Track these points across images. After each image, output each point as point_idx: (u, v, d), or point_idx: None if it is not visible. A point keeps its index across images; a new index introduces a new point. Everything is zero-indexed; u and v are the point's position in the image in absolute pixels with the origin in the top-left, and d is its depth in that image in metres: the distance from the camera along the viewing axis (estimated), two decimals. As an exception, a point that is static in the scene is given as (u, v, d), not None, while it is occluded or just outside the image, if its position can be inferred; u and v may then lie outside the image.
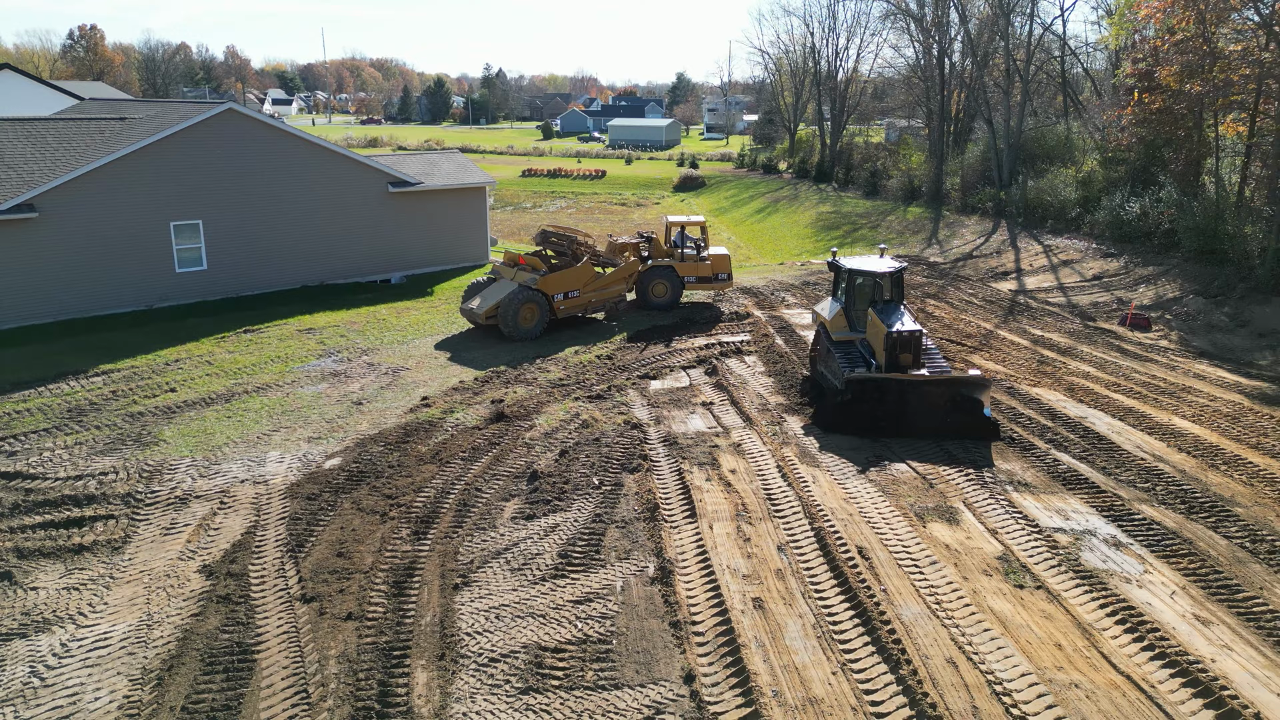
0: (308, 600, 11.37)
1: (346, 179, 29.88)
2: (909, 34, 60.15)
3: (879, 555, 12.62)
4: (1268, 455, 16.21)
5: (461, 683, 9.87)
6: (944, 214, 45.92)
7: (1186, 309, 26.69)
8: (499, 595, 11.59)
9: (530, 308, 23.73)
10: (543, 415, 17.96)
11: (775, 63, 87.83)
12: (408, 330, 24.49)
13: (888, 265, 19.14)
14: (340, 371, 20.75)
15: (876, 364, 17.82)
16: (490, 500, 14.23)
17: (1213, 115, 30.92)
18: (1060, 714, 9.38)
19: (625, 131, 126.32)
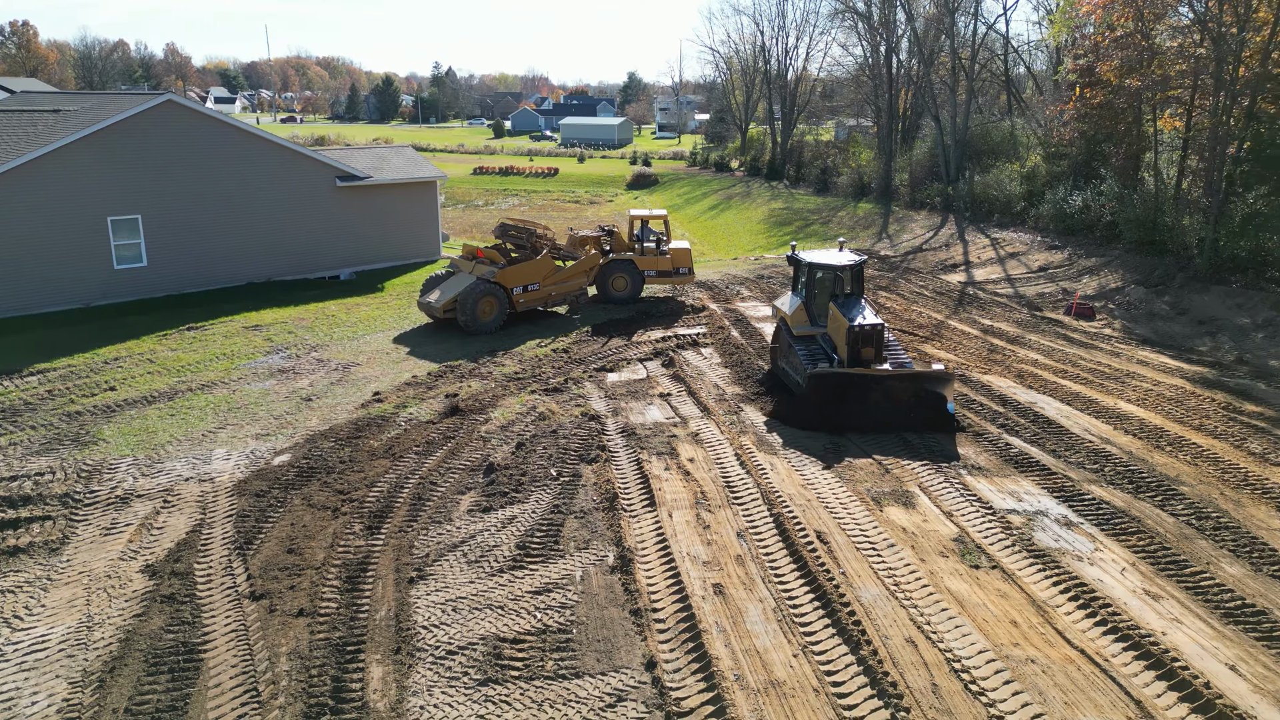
0: (257, 598, 11.03)
1: (293, 173, 29.23)
2: (857, 33, 60.94)
3: (837, 539, 12.66)
4: (1210, 436, 16.65)
5: (418, 676, 9.64)
6: (893, 209, 46.54)
7: (1129, 298, 27.36)
8: (456, 588, 11.37)
9: (489, 301, 23.43)
10: (499, 409, 17.73)
11: (726, 62, 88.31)
12: (358, 326, 24.03)
13: (848, 259, 18.91)
14: (289, 368, 20.25)
15: (839, 359, 17.60)
16: (446, 494, 13.98)
17: (1151, 110, 31.77)
18: (1017, 689, 9.47)
19: (577, 130, 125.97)
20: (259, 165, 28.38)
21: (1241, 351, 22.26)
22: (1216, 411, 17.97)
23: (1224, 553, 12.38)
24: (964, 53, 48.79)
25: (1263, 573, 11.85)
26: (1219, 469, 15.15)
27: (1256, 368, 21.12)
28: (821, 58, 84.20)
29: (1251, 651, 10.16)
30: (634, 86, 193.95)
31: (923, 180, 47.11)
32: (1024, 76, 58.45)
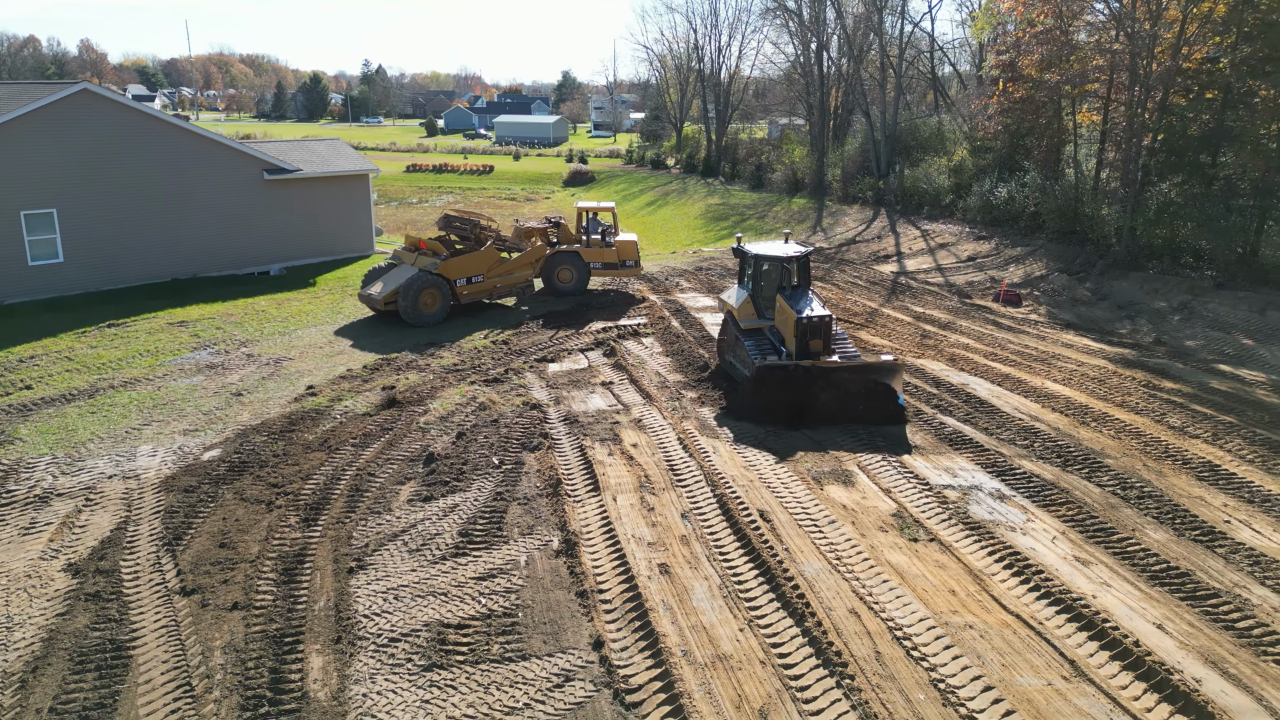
0: (188, 593, 10.65)
1: (218, 166, 28.34)
2: (789, 31, 61.74)
3: (780, 517, 12.79)
4: (1131, 412, 17.30)
5: (360, 664, 9.42)
6: (827, 204, 47.29)
7: (1053, 285, 28.28)
8: (397, 576, 11.14)
9: (431, 293, 23.08)
10: (437, 400, 17.46)
11: (660, 60, 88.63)
12: (290, 321, 23.41)
13: (794, 250, 18.55)
14: (217, 364, 19.62)
15: (787, 351, 17.29)
16: (385, 484, 13.70)
17: (1070, 104, 32.91)
18: (957, 653, 9.69)
19: (512, 128, 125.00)
20: (182, 158, 27.45)
21: (1159, 333, 23.20)
22: (1137, 389, 18.68)
23: (1148, 520, 12.87)
24: (892, 51, 49.87)
25: (1185, 537, 12.34)
26: (1141, 442, 15.74)
27: (1173, 348, 22.02)
28: (754, 55, 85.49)
29: (1177, 611, 10.57)
30: (568, 85, 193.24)
31: (855, 175, 47.96)
32: (950, 76, 60.04)
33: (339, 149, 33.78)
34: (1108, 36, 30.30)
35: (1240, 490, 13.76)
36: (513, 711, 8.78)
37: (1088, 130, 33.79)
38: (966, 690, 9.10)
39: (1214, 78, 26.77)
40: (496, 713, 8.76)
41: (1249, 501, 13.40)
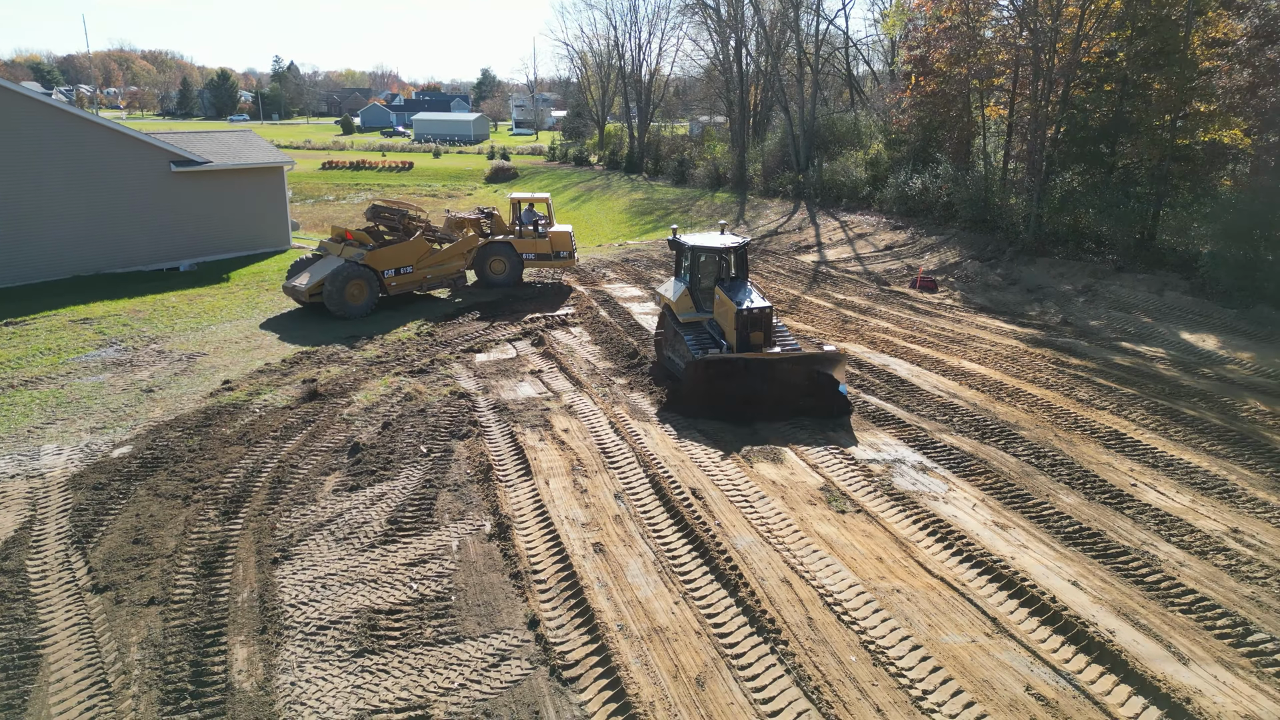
0: (100, 590, 10.17)
1: (121, 158, 27.11)
2: (708, 28, 62.36)
3: (712, 494, 12.91)
4: (1042, 387, 18.01)
5: (287, 653, 9.15)
6: (749, 198, 47.94)
7: (966, 272, 29.25)
8: (324, 565, 10.86)
9: (358, 284, 22.60)
10: (361, 392, 17.07)
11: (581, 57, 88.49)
12: (203, 317, 22.56)
13: (731, 241, 18.05)
14: (125, 360, 18.78)
15: (727, 344, 16.81)
16: (308, 475, 13.33)
17: (979, 97, 34.08)
18: (886, 616, 9.94)
19: (432, 126, 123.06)
20: (82, 149, 26.17)
21: (1065, 314, 24.22)
22: (1047, 366, 19.46)
23: (1061, 485, 13.42)
24: (809, 48, 50.84)
25: (1095, 500, 12.91)
26: (1052, 414, 16.41)
27: (1079, 328, 23.02)
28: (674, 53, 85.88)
29: (1090, 568, 11.05)
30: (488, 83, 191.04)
31: (775, 169, 48.74)
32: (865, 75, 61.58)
33: (251, 140, 32.70)
34: (1012, 32, 31.48)
35: (1145, 456, 14.46)
36: (448, 692, 8.66)
37: (995, 123, 35.04)
38: (895, 650, 9.35)
39: (1111, 71, 28.07)
40: (431, 694, 8.62)
41: (1153, 466, 14.09)
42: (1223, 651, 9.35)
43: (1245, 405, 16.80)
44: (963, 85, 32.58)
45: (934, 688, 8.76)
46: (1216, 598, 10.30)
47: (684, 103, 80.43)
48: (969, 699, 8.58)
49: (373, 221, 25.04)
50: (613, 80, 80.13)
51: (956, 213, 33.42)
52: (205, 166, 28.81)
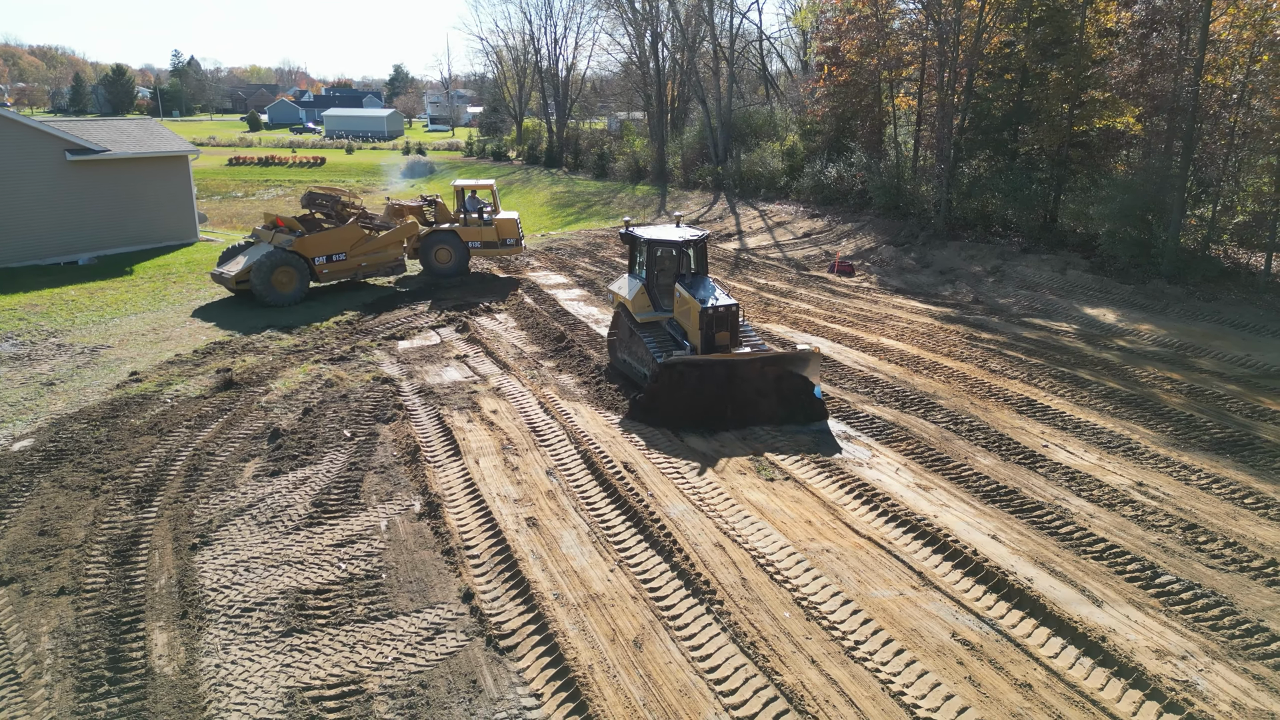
0: (5, 582, 9.64)
1: (9, 146, 25.61)
2: (623, 21, 62.48)
3: (644, 467, 12.96)
4: (957, 360, 18.65)
5: (211, 636, 8.82)
6: (669, 190, 48.27)
7: (881, 256, 30.06)
8: (247, 549, 10.50)
9: (286, 271, 22.02)
10: (279, 380, 16.55)
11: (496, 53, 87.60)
12: (105, 310, 21.52)
13: (690, 234, 16.79)
14: (22, 354, 17.79)
15: (690, 345, 15.58)
16: (226, 462, 12.87)
17: (889, 87, 35.04)
18: (817, 574, 10.15)
19: (343, 122, 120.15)
20: (-34, 137, 24.67)
21: (976, 294, 25.13)
22: (960, 341, 20.15)
23: (978, 448, 13.92)
24: (724, 41, 51.45)
25: (1010, 461, 13.43)
26: (967, 384, 17.00)
27: (989, 306, 23.91)
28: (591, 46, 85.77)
29: (1008, 523, 11.48)
30: (401, 80, 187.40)
31: (694, 162, 49.19)
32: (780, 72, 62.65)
33: (152, 129, 31.30)
34: (918, 23, 32.47)
35: (1054, 420, 15.12)
36: (382, 666, 8.48)
37: (906, 113, 36.08)
38: (828, 605, 9.55)
39: (1012, 61, 29.21)
40: (364, 669, 8.43)
41: (1062, 429, 14.74)
42: (1133, 593, 9.85)
43: (1144, 372, 17.72)
44: (873, 76, 33.45)
45: (865, 638, 8.98)
46: (1125, 545, 10.83)
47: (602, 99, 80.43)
48: (899, 647, 8.82)
49: (308, 209, 24.42)
50: (529, 75, 79.64)
51: (871, 200, 34.30)
52: (103, 155, 27.46)
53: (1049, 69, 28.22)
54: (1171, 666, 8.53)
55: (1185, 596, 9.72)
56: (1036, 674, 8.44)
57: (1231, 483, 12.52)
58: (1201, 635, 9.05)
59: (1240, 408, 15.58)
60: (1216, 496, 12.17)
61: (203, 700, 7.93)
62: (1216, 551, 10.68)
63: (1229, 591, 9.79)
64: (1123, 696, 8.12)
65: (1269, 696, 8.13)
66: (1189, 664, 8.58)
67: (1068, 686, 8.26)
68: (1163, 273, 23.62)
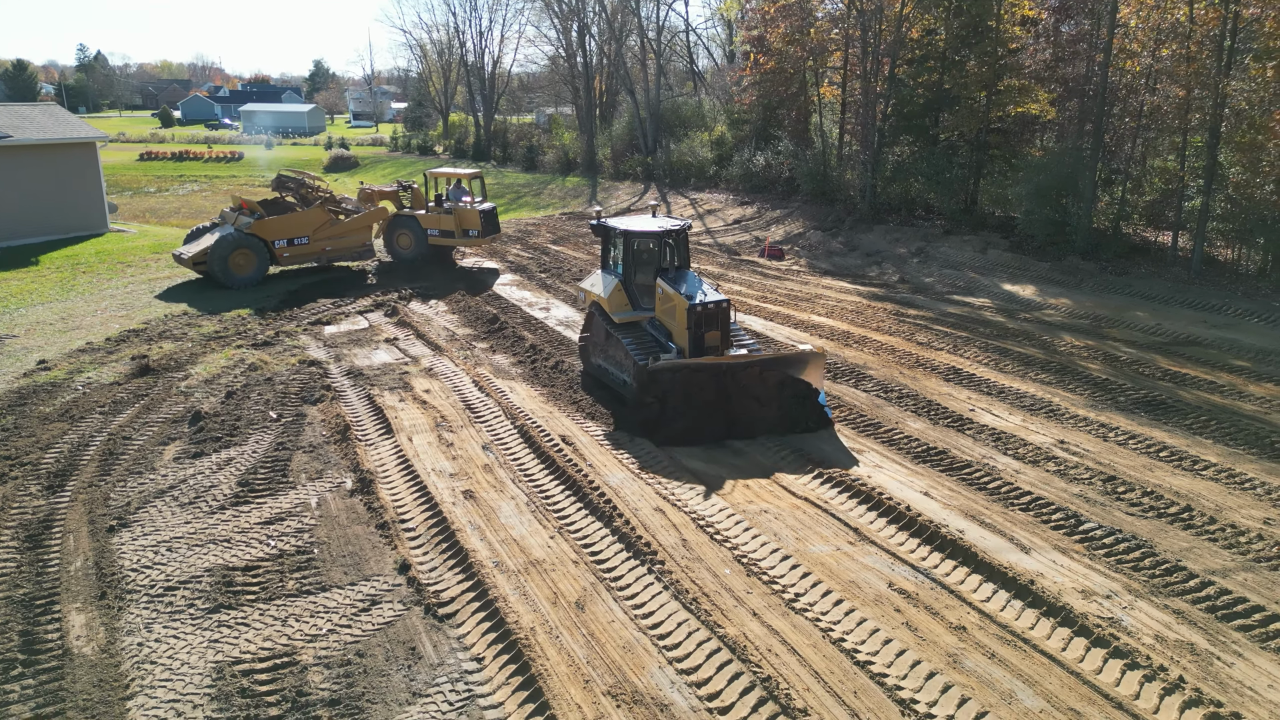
0: (-98, 571, 9.04)
1: (-101, 133, 24.16)
2: (550, 14, 62.07)
3: (582, 439, 12.88)
4: (886, 334, 19.03)
5: (132, 616, 8.44)
6: (599, 180, 48.16)
7: (810, 241, 30.50)
8: (169, 530, 10.08)
9: (244, 253, 21.68)
10: (200, 365, 15.96)
11: (420, 46, 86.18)
12: (9, 300, 20.44)
13: (671, 223, 15.28)
14: (-84, 346, 16.78)
15: (676, 347, 14.06)
16: (145, 446, 12.35)
17: (814, 76, 35.58)
18: (756, 533, 10.22)
19: (263, 118, 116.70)
20: None
21: (902, 274, 25.70)
22: (888, 317, 20.58)
23: (908, 414, 14.22)
24: (650, 33, 51.59)
25: (939, 425, 13.75)
26: (896, 356, 17.37)
27: (914, 285, 24.48)
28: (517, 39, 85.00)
29: (939, 481, 11.75)
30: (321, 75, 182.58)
31: (624, 153, 49.16)
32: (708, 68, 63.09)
33: (57, 115, 29.84)
34: (841, 11, 33.04)
35: (980, 386, 15.54)
36: (316, 638, 8.23)
37: (831, 101, 36.69)
38: (767, 561, 9.63)
39: (932, 49, 29.95)
40: (297, 642, 8.16)
41: (987, 394, 15.16)
42: (1059, 540, 10.17)
43: (1062, 341, 18.35)
44: (798, 64, 33.92)
45: (805, 591, 9.07)
46: (1050, 496, 11.18)
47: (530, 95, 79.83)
48: (838, 598, 8.94)
49: (278, 191, 23.86)
50: (455, 69, 78.51)
51: (799, 187, 34.78)
52: (5, 142, 26.07)
53: (967, 57, 29.03)
54: (1097, 605, 8.83)
55: (1107, 541, 10.08)
56: (970, 617, 8.65)
57: (1147, 438, 13.05)
58: (1124, 576, 9.40)
59: (1152, 372, 16.26)
60: (1133, 451, 12.67)
61: (125, 678, 7.58)
62: (1135, 500, 11.11)
63: (1148, 535, 10.19)
64: (1052, 634, 8.37)
65: (1188, 629, 8.48)
66: (1113, 602, 8.90)
67: (1000, 628, 8.48)
68: (1077, 250, 24.52)
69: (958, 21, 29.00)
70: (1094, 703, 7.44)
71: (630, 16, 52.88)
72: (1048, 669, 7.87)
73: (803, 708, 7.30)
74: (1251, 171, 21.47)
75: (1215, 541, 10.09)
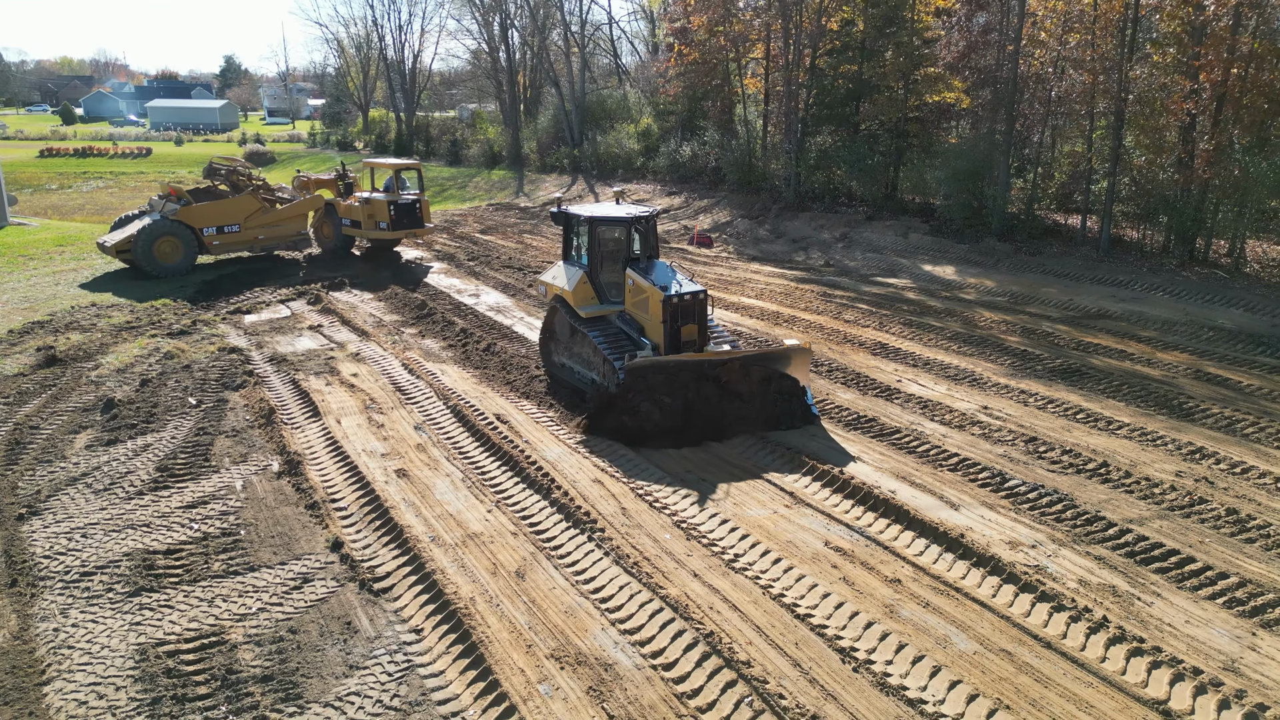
0: None
1: None
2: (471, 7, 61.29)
3: (516, 418, 12.75)
4: (814, 313, 19.35)
5: (46, 602, 8.03)
6: (526, 173, 47.79)
7: (737, 229, 30.82)
8: (83, 516, 9.62)
9: (170, 241, 20.94)
10: (111, 355, 15.26)
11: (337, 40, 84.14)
12: (-103, 296, 19.23)
13: (639, 210, 14.24)
14: None
15: (651, 343, 13.09)
16: (54, 435, 11.75)
17: (738, 66, 35.95)
18: (694, 500, 10.28)
19: (171, 114, 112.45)
20: None
21: (827, 258, 26.18)
22: (815, 298, 20.92)
23: (838, 385, 14.47)
24: (575, 26, 51.37)
25: (868, 395, 14.04)
26: (824, 333, 17.67)
27: (839, 268, 24.96)
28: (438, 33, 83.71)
29: (869, 446, 11.98)
30: (233, 71, 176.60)
31: (550, 146, 48.88)
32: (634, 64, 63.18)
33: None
34: (763, 2, 33.46)
35: (905, 359, 15.92)
36: (245, 617, 7.95)
37: (754, 94, 37.13)
38: (707, 525, 9.68)
39: (850, 39, 30.56)
40: (226, 622, 7.87)
41: (913, 366, 15.54)
42: (986, 497, 10.48)
43: (981, 317, 18.94)
44: (722, 55, 34.22)
45: (744, 551, 9.15)
46: (976, 457, 11.52)
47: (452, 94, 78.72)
48: (776, 557, 9.04)
49: (210, 179, 23.01)
50: (374, 64, 76.88)
51: (725, 176, 35.10)
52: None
53: (885, 48, 29.71)
54: (1024, 555, 9.12)
55: (1031, 496, 10.43)
56: (905, 571, 8.84)
57: (1064, 403, 13.55)
58: (1048, 527, 9.74)
59: (1067, 342, 16.91)
60: (1052, 414, 13.15)
61: (41, 664, 7.19)
62: (1055, 458, 11.52)
63: (1069, 490, 10.58)
64: (982, 583, 8.62)
65: (1109, 572, 8.83)
66: (1039, 551, 9.21)
67: (933, 579, 8.69)
68: (993, 232, 25.34)
69: (875, 12, 29.66)
70: (1024, 643, 7.68)
71: (553, 10, 52.60)
72: (980, 614, 8.10)
73: (746, 660, 7.35)
74: (1154, 152, 22.51)
75: (1131, 493, 10.54)
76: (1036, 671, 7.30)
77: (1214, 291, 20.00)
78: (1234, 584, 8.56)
